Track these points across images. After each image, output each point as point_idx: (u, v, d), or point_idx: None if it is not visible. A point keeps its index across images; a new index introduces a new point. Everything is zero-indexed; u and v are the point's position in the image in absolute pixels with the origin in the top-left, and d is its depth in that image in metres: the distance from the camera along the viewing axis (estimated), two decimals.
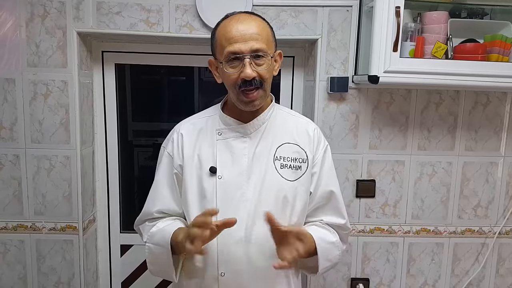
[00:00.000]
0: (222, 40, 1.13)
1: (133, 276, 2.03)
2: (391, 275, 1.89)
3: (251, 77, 1.11)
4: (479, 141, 1.82)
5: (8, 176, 1.74)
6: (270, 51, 1.15)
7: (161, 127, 2.44)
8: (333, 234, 1.27)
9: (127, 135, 2.41)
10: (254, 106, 1.18)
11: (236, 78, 1.13)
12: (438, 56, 1.59)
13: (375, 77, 1.54)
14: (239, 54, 1.10)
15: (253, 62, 1.11)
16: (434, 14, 1.61)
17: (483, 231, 1.88)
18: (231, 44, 1.11)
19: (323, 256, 1.21)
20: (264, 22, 1.17)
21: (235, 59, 1.12)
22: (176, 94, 2.61)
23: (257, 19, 1.16)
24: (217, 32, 1.16)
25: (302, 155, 1.24)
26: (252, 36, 1.10)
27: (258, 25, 1.13)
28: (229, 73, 1.14)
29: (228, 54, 1.11)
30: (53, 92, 1.70)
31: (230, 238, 1.17)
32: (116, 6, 1.66)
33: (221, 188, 1.19)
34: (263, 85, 1.15)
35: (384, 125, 1.79)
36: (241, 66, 1.11)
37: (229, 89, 1.19)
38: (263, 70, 1.13)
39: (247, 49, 1.10)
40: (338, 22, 1.72)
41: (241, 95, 1.15)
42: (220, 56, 1.15)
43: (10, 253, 1.78)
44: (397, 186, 1.83)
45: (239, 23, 1.12)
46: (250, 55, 1.11)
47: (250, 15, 1.16)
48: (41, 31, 1.66)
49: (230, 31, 1.11)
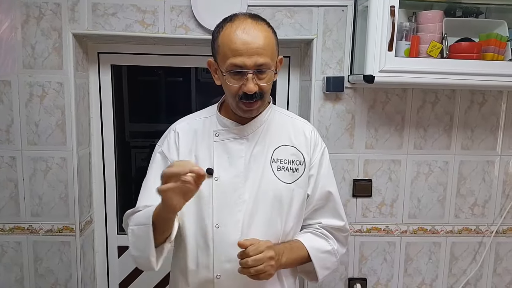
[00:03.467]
0: (225, 50, 1.09)
1: (130, 278, 2.03)
2: (389, 275, 1.89)
3: (253, 92, 1.10)
4: (476, 140, 1.82)
5: (4, 178, 1.74)
6: (273, 63, 1.13)
7: (158, 128, 2.44)
8: (330, 241, 1.27)
9: (124, 136, 2.41)
10: (252, 114, 1.18)
11: (237, 90, 1.12)
12: (434, 55, 1.59)
13: (371, 77, 1.54)
14: (242, 68, 1.08)
15: (255, 76, 1.10)
16: (429, 13, 1.61)
17: (480, 230, 1.88)
18: (235, 57, 1.08)
19: (320, 265, 1.22)
20: (270, 31, 1.13)
21: (238, 72, 1.10)
22: (174, 95, 2.61)
23: (263, 28, 1.11)
24: (220, 38, 1.12)
25: (299, 157, 1.24)
26: (257, 50, 1.07)
27: (264, 36, 1.09)
28: (230, 85, 1.12)
29: (232, 66, 1.09)
30: (49, 93, 1.70)
31: (226, 241, 1.16)
32: (112, 7, 1.66)
33: (218, 189, 1.19)
34: (263, 97, 1.15)
35: (380, 125, 1.79)
36: (243, 80, 1.10)
37: (228, 97, 1.18)
38: (265, 84, 1.12)
39: (251, 64, 1.07)
40: (334, 22, 1.72)
41: (241, 105, 1.14)
42: (222, 64, 1.12)
43: (7, 255, 1.78)
44: (394, 185, 1.83)
45: (244, 33, 1.08)
46: (254, 70, 1.09)
47: (256, 23, 1.11)
48: (37, 32, 1.66)
49: (235, 42, 1.07)
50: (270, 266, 1.10)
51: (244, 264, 1.09)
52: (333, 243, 1.27)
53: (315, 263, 1.22)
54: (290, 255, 1.19)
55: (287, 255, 1.18)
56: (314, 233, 1.27)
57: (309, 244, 1.23)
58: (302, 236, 1.25)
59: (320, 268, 1.24)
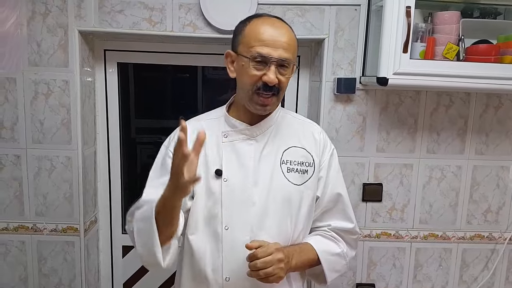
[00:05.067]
0: (251, 39, 1.11)
1: (135, 278, 2.01)
2: (397, 281, 1.85)
3: (274, 83, 1.11)
4: (490, 144, 1.77)
5: (9, 176, 1.72)
6: (294, 61, 1.15)
7: (164, 124, 2.41)
8: (339, 244, 1.25)
9: (130, 132, 2.39)
10: (265, 111, 1.17)
11: (257, 79, 1.12)
12: (450, 58, 1.54)
13: (384, 79, 1.49)
14: (267, 57, 1.09)
15: (277, 69, 1.11)
16: (446, 14, 1.55)
17: (493, 236, 1.83)
18: (261, 47, 1.09)
19: (330, 268, 1.21)
20: (293, 33, 1.16)
21: (261, 62, 1.11)
22: (180, 91, 2.58)
23: (288, 28, 1.15)
24: (246, 29, 1.14)
25: (309, 159, 1.22)
26: (283, 44, 1.10)
27: (289, 34, 1.13)
28: (251, 73, 1.11)
29: (257, 54, 1.10)
30: (54, 91, 1.67)
31: (236, 243, 1.15)
32: (119, 4, 1.63)
33: (227, 191, 1.17)
34: (279, 93, 1.15)
35: (392, 128, 1.75)
36: (265, 70, 1.10)
37: (243, 89, 1.16)
38: (285, 79, 1.13)
39: (276, 55, 1.09)
40: (346, 22, 1.67)
41: (256, 97, 1.13)
42: (245, 53, 1.12)
43: (11, 254, 1.77)
44: (405, 190, 1.79)
45: (273, 28, 1.11)
46: (277, 62, 1.10)
47: (282, 22, 1.16)
48: (43, 29, 1.63)
49: (263, 33, 1.10)
50: (279, 268, 1.08)
51: (253, 267, 1.07)
52: (342, 246, 1.26)
53: (325, 265, 1.21)
54: (299, 257, 1.17)
55: (296, 257, 1.16)
56: (324, 236, 1.26)
57: (318, 246, 1.21)
58: (312, 239, 1.24)
59: (329, 271, 1.22)
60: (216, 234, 1.16)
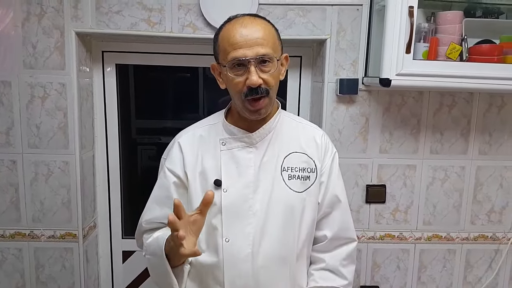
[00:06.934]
0: (225, 45, 1.07)
1: (135, 283, 1.97)
2: (402, 283, 1.83)
3: (257, 84, 1.05)
4: (494, 144, 1.76)
5: (5, 182, 1.67)
6: (276, 54, 1.09)
7: (165, 124, 2.37)
8: (341, 281, 1.20)
9: (130, 133, 2.35)
10: (260, 115, 1.12)
11: (242, 87, 1.07)
12: (453, 58, 1.52)
13: (387, 80, 1.47)
14: (243, 59, 1.04)
15: (258, 68, 1.06)
16: (449, 14, 1.54)
17: (497, 237, 1.82)
18: (235, 50, 1.04)
19: None
20: (269, 25, 1.11)
21: (240, 65, 1.06)
22: (181, 91, 2.54)
23: (262, 22, 1.09)
24: (219, 37, 1.10)
25: (311, 165, 1.19)
26: (257, 41, 1.04)
27: (263, 28, 1.07)
28: (233, 81, 1.07)
29: (232, 60, 1.05)
30: (50, 95, 1.63)
31: (237, 255, 1.11)
32: (116, 5, 1.59)
33: (227, 201, 1.13)
34: (269, 93, 1.09)
35: (395, 128, 1.73)
36: (246, 73, 1.05)
37: (234, 97, 1.13)
38: (269, 76, 1.07)
39: (252, 54, 1.04)
40: (348, 22, 1.65)
41: (247, 104, 1.09)
42: (223, 61, 1.08)
43: (7, 262, 1.72)
44: (408, 191, 1.77)
45: (242, 27, 1.06)
46: (255, 60, 1.04)
47: (254, 18, 1.09)
48: (38, 31, 1.59)
49: (234, 35, 1.05)
50: None
51: None
52: (343, 280, 1.20)
53: None
54: None
55: None
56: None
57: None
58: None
59: None
60: (217, 246, 1.13)
